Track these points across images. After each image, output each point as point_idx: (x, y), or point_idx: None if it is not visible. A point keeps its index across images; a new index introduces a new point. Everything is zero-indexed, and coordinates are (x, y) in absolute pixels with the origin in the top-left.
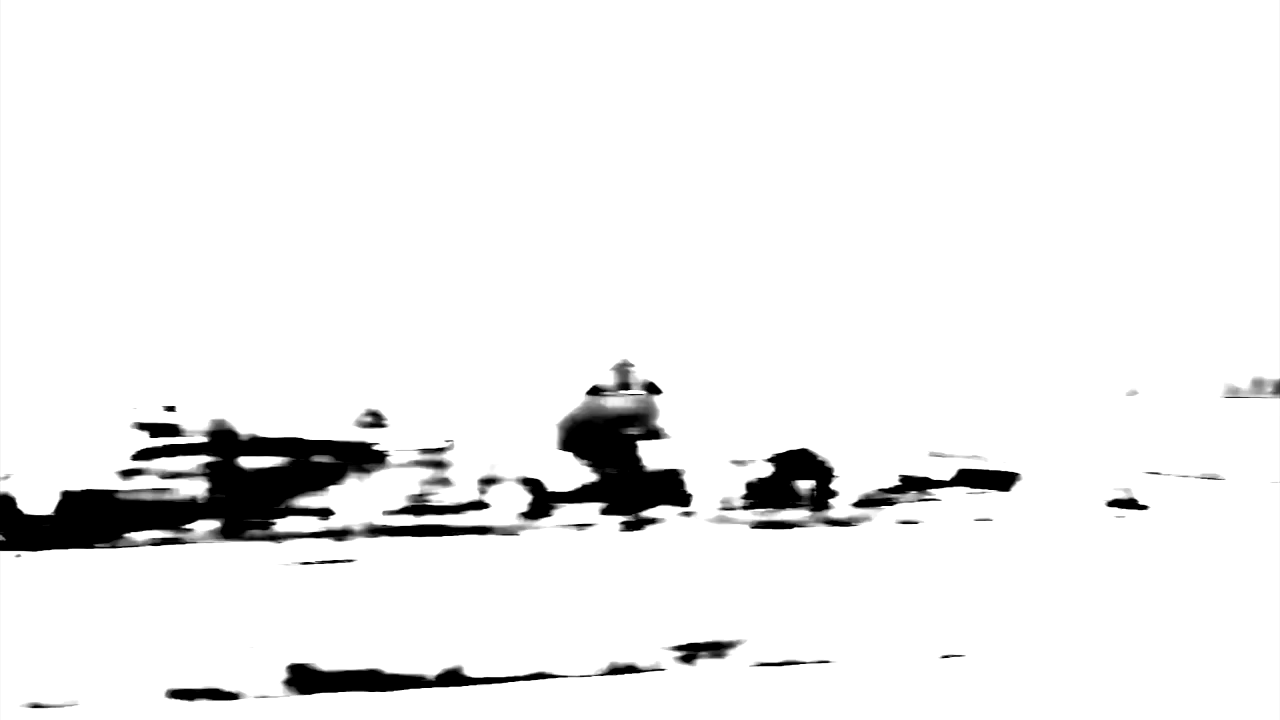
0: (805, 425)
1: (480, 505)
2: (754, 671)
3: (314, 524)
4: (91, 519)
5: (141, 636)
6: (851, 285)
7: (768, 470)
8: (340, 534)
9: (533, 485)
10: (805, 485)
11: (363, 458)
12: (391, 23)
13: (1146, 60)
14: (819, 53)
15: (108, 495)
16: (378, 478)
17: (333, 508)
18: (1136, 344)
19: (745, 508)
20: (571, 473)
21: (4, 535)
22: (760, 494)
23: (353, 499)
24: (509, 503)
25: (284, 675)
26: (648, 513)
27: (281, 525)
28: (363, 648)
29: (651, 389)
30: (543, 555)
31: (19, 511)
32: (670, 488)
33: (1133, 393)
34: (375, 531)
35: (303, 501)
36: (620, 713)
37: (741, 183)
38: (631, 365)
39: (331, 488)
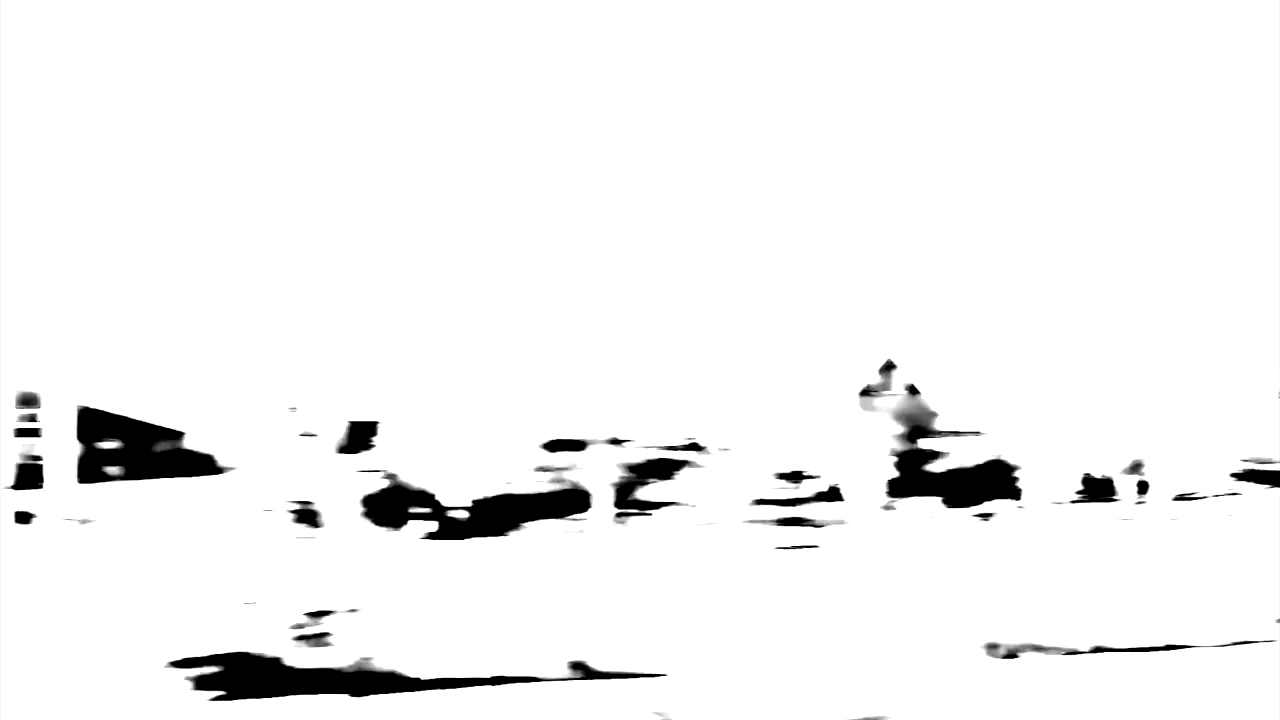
0: (1124, 427)
1: (834, 496)
2: None
3: (686, 513)
4: (502, 512)
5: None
6: (1162, 293)
7: (1103, 468)
8: (708, 522)
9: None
10: (1128, 481)
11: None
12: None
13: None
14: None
15: (513, 492)
16: (730, 472)
17: (690, 500)
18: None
19: (1076, 501)
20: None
21: (436, 524)
22: (1091, 489)
23: (710, 491)
24: (863, 495)
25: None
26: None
27: (657, 514)
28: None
29: (912, 390)
30: (985, 542)
31: (441, 505)
32: (1000, 482)
33: None
34: (745, 520)
35: (660, 493)
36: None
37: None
38: (895, 366)
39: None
